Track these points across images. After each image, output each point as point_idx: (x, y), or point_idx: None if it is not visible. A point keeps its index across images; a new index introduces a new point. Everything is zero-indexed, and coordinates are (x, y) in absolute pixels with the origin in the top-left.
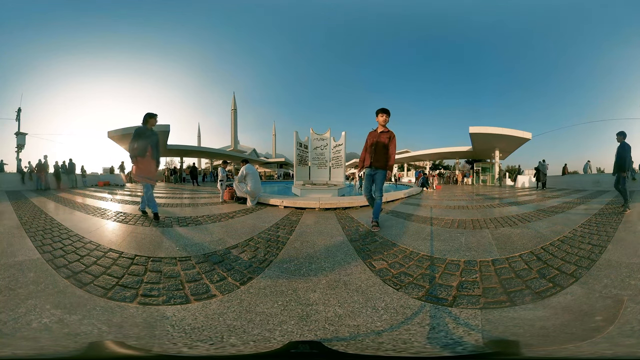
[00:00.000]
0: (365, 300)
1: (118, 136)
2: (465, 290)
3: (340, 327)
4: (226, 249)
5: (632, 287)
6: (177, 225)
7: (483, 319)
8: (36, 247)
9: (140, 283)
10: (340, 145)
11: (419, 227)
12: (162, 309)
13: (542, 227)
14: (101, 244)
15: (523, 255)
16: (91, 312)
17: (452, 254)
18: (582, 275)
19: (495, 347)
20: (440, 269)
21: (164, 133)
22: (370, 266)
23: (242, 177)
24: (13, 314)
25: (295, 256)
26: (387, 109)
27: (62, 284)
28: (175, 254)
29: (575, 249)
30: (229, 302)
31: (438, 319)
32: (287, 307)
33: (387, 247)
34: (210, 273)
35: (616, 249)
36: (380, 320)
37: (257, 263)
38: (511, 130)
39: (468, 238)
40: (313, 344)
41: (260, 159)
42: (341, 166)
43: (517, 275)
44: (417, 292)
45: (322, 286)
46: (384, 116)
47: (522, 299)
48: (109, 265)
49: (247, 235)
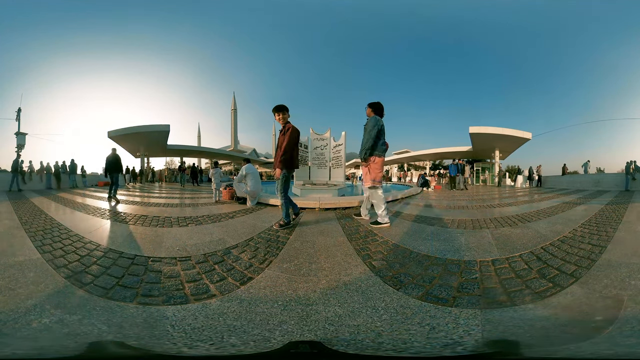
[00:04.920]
0: (365, 300)
1: (118, 136)
2: (465, 290)
3: (340, 327)
4: (226, 249)
5: (632, 287)
6: (177, 225)
7: (483, 319)
8: (36, 247)
9: (140, 283)
10: (340, 145)
11: (419, 227)
12: (162, 309)
13: (542, 227)
14: (101, 244)
15: (523, 255)
16: (91, 312)
17: (452, 254)
18: (582, 275)
19: (495, 347)
20: (440, 269)
21: (164, 133)
22: (370, 266)
23: (242, 177)
24: (13, 314)
25: (295, 256)
26: (279, 106)
27: (62, 284)
28: (175, 254)
29: (575, 249)
30: (229, 302)
31: (438, 319)
32: (287, 307)
33: (388, 247)
34: (210, 273)
35: (616, 249)
36: (380, 320)
37: (257, 263)
38: (511, 130)
39: (468, 238)
40: (313, 344)
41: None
42: (341, 166)
43: (517, 275)
44: (417, 292)
45: (322, 286)
46: (279, 115)
47: (522, 299)
48: (109, 265)
49: (247, 235)
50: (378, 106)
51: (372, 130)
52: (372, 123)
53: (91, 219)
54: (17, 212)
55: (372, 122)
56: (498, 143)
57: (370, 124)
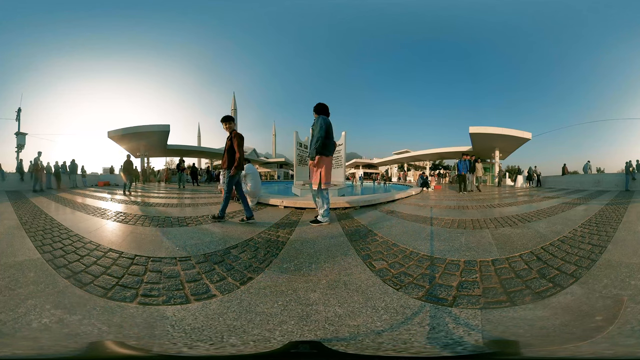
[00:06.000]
0: (365, 300)
1: (118, 136)
2: (465, 290)
3: (340, 327)
4: (226, 249)
5: (632, 287)
6: (177, 225)
7: (483, 319)
8: (36, 247)
9: (140, 283)
10: (340, 145)
11: (419, 227)
12: (162, 309)
13: (542, 227)
14: (101, 244)
15: (523, 255)
16: (91, 312)
17: (452, 254)
18: (582, 275)
19: (495, 347)
20: (440, 269)
21: (164, 133)
22: (370, 266)
23: (242, 177)
24: (13, 314)
25: (295, 256)
26: (226, 117)
27: (62, 284)
28: (175, 254)
29: (575, 249)
30: (229, 302)
31: (438, 319)
32: (287, 307)
33: (388, 247)
34: (210, 273)
35: (616, 249)
36: (380, 320)
37: (257, 263)
38: (511, 130)
39: (468, 238)
40: (313, 344)
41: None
42: (341, 166)
43: (517, 275)
44: (417, 292)
45: (322, 286)
46: (226, 124)
47: (522, 299)
48: (109, 265)
49: (247, 235)
50: (323, 107)
51: (320, 130)
52: (320, 123)
53: (91, 219)
54: (17, 212)
55: (320, 122)
56: (498, 143)
57: (317, 124)
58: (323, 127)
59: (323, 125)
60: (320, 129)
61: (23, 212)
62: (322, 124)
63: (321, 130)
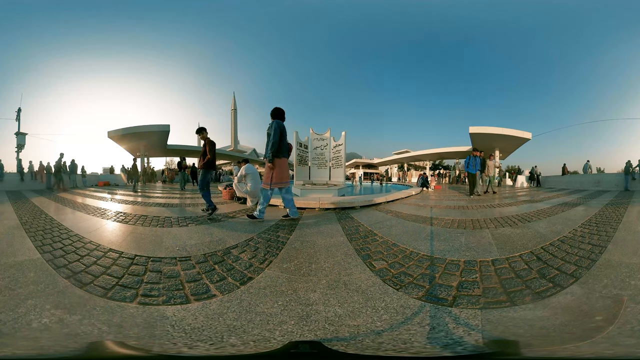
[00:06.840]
0: (365, 300)
1: (118, 136)
2: (465, 290)
3: (340, 327)
4: (226, 249)
5: (632, 287)
6: (177, 225)
7: (483, 319)
8: (36, 247)
9: (140, 283)
10: (340, 145)
11: (419, 227)
12: (162, 309)
13: (542, 227)
14: (101, 244)
15: (523, 255)
16: (91, 312)
17: (452, 254)
18: (582, 275)
19: (495, 347)
20: (440, 269)
21: (164, 133)
22: (370, 266)
23: (242, 177)
24: (13, 313)
25: (295, 256)
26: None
27: (62, 284)
28: (175, 254)
29: (575, 249)
30: (229, 302)
31: (438, 319)
32: (287, 307)
33: (388, 247)
34: (210, 273)
35: (616, 249)
36: (380, 320)
37: (257, 263)
38: (511, 130)
39: (468, 238)
40: (313, 344)
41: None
42: (341, 166)
43: (517, 275)
44: (417, 292)
45: (322, 286)
46: (200, 135)
47: (522, 299)
48: (109, 265)
49: (247, 235)
50: (279, 111)
51: (274, 135)
52: (274, 126)
53: (91, 219)
54: (17, 212)
55: (274, 125)
56: (498, 143)
57: (272, 128)
58: (277, 131)
59: (277, 129)
60: (275, 133)
61: (23, 212)
62: (277, 127)
63: (275, 134)
